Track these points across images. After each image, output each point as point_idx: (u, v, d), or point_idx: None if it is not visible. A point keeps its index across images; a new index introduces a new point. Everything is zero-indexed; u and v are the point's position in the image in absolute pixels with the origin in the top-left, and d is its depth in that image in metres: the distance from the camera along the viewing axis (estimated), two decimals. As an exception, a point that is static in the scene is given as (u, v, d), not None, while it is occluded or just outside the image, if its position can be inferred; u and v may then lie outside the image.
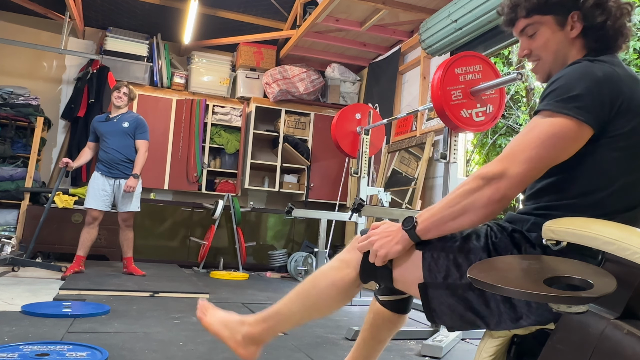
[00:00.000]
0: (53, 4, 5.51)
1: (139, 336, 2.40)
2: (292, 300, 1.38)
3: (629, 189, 1.13)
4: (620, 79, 1.12)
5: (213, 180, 6.11)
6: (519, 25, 1.29)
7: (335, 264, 1.36)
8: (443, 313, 1.19)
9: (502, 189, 1.07)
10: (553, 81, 1.14)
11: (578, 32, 1.22)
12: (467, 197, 1.11)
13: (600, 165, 1.12)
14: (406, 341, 2.67)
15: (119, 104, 4.34)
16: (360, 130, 4.24)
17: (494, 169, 1.09)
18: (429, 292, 1.20)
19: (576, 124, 1.07)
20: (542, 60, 1.27)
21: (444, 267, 1.18)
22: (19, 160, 5.24)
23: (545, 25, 1.24)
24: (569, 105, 1.08)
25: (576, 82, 1.10)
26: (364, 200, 2.92)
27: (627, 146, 1.12)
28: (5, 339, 2.18)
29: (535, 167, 1.08)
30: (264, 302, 3.64)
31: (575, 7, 1.20)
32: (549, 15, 1.23)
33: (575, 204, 1.14)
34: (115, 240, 4.66)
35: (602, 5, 1.19)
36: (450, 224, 1.15)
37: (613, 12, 1.19)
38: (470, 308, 1.16)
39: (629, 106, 1.11)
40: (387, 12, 4.79)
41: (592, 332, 0.94)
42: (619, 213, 1.12)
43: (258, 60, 6.18)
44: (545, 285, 0.92)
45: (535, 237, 1.16)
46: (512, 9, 1.28)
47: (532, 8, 1.24)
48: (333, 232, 5.51)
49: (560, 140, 1.07)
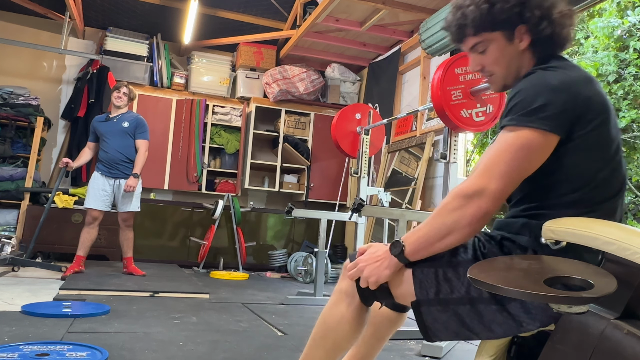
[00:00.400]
0: (53, 4, 5.50)
1: (139, 336, 2.40)
2: (312, 349, 1.38)
3: (606, 181, 1.17)
4: (574, 82, 1.15)
5: (213, 180, 6.11)
6: (468, 42, 1.30)
7: (335, 297, 1.36)
8: (438, 330, 1.20)
9: (483, 206, 1.10)
10: (512, 96, 1.17)
11: (527, 45, 1.24)
12: (451, 216, 1.13)
13: (577, 164, 1.16)
14: (406, 341, 2.67)
15: (118, 104, 4.34)
16: (360, 130, 4.24)
17: (473, 186, 1.11)
18: (422, 310, 1.20)
19: (542, 134, 1.11)
20: (495, 74, 1.30)
21: (434, 282, 1.19)
22: (19, 160, 5.24)
23: (495, 41, 1.26)
24: (532, 118, 1.11)
25: (535, 94, 1.13)
26: (364, 200, 2.92)
27: (596, 142, 1.16)
28: (5, 339, 2.18)
29: (512, 181, 1.12)
30: (264, 302, 3.64)
31: (521, 21, 1.22)
32: (497, 31, 1.24)
33: (560, 203, 1.17)
34: (115, 240, 4.66)
35: (547, 17, 1.21)
36: (437, 245, 1.16)
37: (558, 22, 1.22)
38: (463, 324, 1.17)
39: (588, 106, 1.14)
40: (387, 12, 4.79)
41: (592, 332, 0.94)
42: (601, 204, 1.17)
43: (258, 60, 6.18)
44: (545, 286, 0.92)
45: (526, 241, 1.18)
46: (459, 28, 1.28)
47: (480, 26, 1.24)
48: (333, 232, 5.51)
49: (530, 152, 1.11)
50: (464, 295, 1.15)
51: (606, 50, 7.93)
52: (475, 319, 1.15)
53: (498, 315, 1.13)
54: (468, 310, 1.15)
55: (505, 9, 1.21)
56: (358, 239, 3.86)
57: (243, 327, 2.78)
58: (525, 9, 1.20)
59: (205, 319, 2.91)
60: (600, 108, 1.16)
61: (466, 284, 1.16)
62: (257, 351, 2.28)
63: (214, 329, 2.68)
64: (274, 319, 3.04)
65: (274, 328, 2.80)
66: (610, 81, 7.83)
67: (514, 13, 1.21)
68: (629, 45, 7.57)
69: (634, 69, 7.65)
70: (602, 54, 7.90)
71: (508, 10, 1.21)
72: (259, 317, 3.06)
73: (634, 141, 7.83)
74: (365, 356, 1.52)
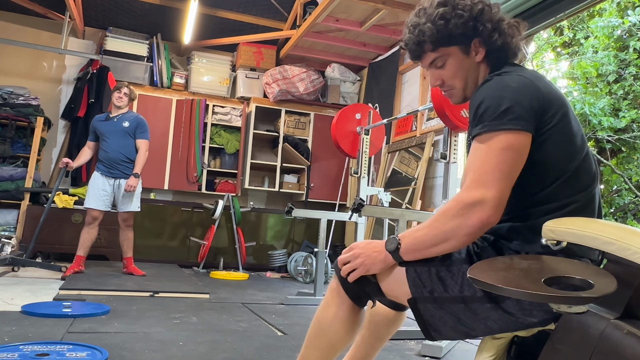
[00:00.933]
0: (53, 4, 5.50)
1: (139, 336, 2.40)
2: (307, 349, 1.40)
3: (578, 172, 1.21)
4: (530, 81, 1.20)
5: (213, 180, 6.10)
6: (427, 58, 1.35)
7: (327, 296, 1.38)
8: (437, 325, 1.22)
9: (484, 216, 1.10)
10: (478, 105, 1.20)
11: (483, 56, 1.30)
12: (450, 224, 1.13)
13: (547, 159, 1.19)
14: (406, 341, 2.67)
15: (119, 104, 4.34)
16: (360, 130, 4.24)
17: (473, 194, 1.12)
18: (419, 306, 1.22)
19: (517, 134, 1.14)
20: (455, 88, 1.35)
21: (428, 281, 1.21)
22: (19, 160, 5.24)
23: (453, 55, 1.31)
24: (504, 120, 1.14)
25: (499, 98, 1.16)
26: (364, 200, 2.92)
27: (562, 136, 1.20)
28: (5, 339, 2.18)
29: (508, 184, 1.13)
30: (264, 302, 3.64)
31: (475, 34, 1.28)
32: (454, 45, 1.30)
33: (538, 200, 1.20)
34: (115, 240, 4.66)
35: (498, 29, 1.28)
36: (431, 249, 1.17)
37: (507, 33, 1.29)
38: (459, 320, 1.19)
39: (549, 101, 1.19)
40: (387, 12, 4.79)
41: (592, 332, 0.94)
42: (577, 195, 1.20)
43: (258, 60, 6.18)
44: (545, 285, 0.92)
45: (516, 245, 1.20)
46: (418, 45, 1.33)
47: (437, 42, 1.30)
48: (333, 232, 5.51)
49: (514, 152, 1.13)
50: (458, 294, 1.17)
51: (606, 50, 7.92)
52: (470, 316, 1.17)
53: (493, 313, 1.15)
54: (462, 309, 1.17)
55: (460, 24, 1.26)
56: (358, 239, 3.87)
57: (243, 327, 2.78)
58: (478, 22, 1.27)
59: (205, 319, 2.91)
60: (559, 102, 1.21)
61: (459, 283, 1.18)
62: (257, 351, 2.28)
63: (214, 329, 2.68)
64: (274, 319, 3.04)
65: (274, 328, 2.80)
66: (610, 81, 7.83)
67: (469, 27, 1.27)
68: (629, 45, 7.57)
69: (634, 69, 7.65)
70: (602, 54, 7.89)
71: (462, 25, 1.27)
72: (259, 317, 3.06)
73: (634, 141, 7.83)
74: (365, 356, 1.53)
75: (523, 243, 1.19)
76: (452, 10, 1.26)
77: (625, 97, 7.82)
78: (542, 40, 9.08)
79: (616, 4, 7.86)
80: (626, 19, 7.54)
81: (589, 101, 7.82)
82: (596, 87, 8.05)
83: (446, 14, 1.26)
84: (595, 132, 7.94)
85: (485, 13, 1.27)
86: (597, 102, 7.77)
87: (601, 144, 8.07)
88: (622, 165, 8.07)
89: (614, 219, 7.99)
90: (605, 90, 7.93)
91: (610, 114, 7.79)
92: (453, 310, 1.18)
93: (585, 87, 8.14)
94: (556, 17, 3.49)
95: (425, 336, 1.25)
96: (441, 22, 1.27)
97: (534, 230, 1.17)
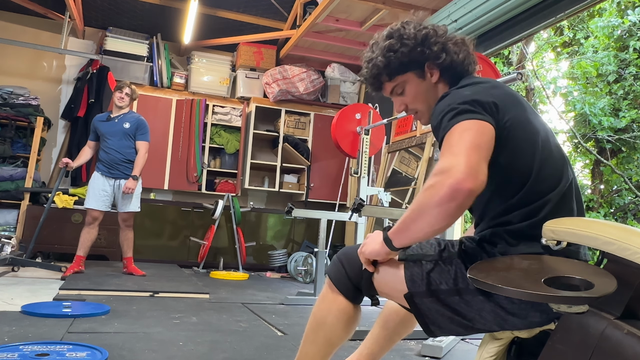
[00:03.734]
0: (53, 4, 5.50)
1: (139, 336, 2.40)
2: (305, 344, 1.43)
3: (545, 171, 1.23)
4: (483, 88, 1.26)
5: (213, 180, 6.10)
6: (386, 88, 1.42)
7: (323, 291, 1.42)
8: (434, 317, 1.25)
9: (453, 182, 1.04)
10: (436, 117, 1.24)
11: (438, 76, 1.37)
12: (422, 195, 1.11)
13: (512, 162, 1.21)
14: (406, 341, 2.67)
15: (121, 104, 4.34)
16: (360, 130, 4.24)
17: (441, 164, 1.10)
18: (416, 300, 1.26)
19: (479, 121, 1.15)
20: (419, 111, 1.41)
21: (425, 276, 1.25)
22: (19, 160, 5.24)
23: (409, 81, 1.38)
24: (463, 116, 1.16)
25: (456, 103, 1.20)
26: (364, 200, 2.92)
27: (522, 137, 1.22)
28: (5, 339, 2.18)
29: (477, 153, 1.09)
30: (264, 302, 3.64)
31: (425, 58, 1.35)
32: (408, 72, 1.37)
33: (513, 204, 1.22)
34: (115, 240, 4.66)
35: (444, 49, 1.35)
36: (412, 227, 1.16)
37: (454, 50, 1.36)
38: (455, 312, 1.22)
39: (503, 103, 1.22)
40: (387, 12, 4.78)
41: (592, 332, 0.94)
42: (551, 193, 1.22)
43: (258, 60, 6.18)
44: (545, 285, 0.92)
45: (500, 248, 1.22)
46: (375, 77, 1.41)
47: (391, 72, 1.37)
48: (333, 232, 5.51)
49: (476, 131, 1.13)
50: (452, 287, 1.22)
51: (606, 50, 7.92)
52: (465, 308, 1.21)
53: (486, 305, 1.18)
54: (458, 300, 1.21)
55: (407, 52, 1.34)
56: (358, 239, 3.87)
57: (243, 327, 2.78)
58: (425, 47, 1.34)
59: (205, 319, 2.91)
60: (515, 103, 1.25)
61: (453, 276, 1.22)
62: (257, 351, 2.28)
63: (214, 329, 2.68)
64: (274, 319, 3.04)
65: (274, 328, 2.80)
66: (610, 81, 7.83)
67: (417, 53, 1.34)
68: (629, 45, 7.56)
69: (634, 69, 7.65)
70: (602, 54, 7.89)
71: (410, 52, 1.34)
72: (259, 317, 3.06)
73: (634, 141, 7.83)
74: (375, 355, 1.59)
75: (507, 246, 1.21)
76: (398, 40, 1.35)
77: (625, 97, 7.82)
78: (542, 40, 9.08)
79: (616, 4, 7.86)
80: (626, 18, 7.53)
81: (589, 101, 7.83)
82: (596, 87, 8.05)
83: (393, 45, 1.35)
84: (595, 132, 7.94)
85: (429, 37, 1.35)
86: (597, 102, 7.78)
87: (601, 144, 8.07)
88: (622, 165, 8.07)
89: (614, 219, 7.98)
90: (605, 90, 7.93)
91: (610, 114, 7.79)
92: (449, 302, 1.22)
93: (585, 87, 8.14)
94: (556, 17, 3.49)
95: (425, 331, 1.29)
96: (390, 54, 1.35)
97: (515, 234, 1.20)
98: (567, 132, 8.67)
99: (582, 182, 8.87)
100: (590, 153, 8.24)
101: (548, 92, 8.92)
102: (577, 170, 9.19)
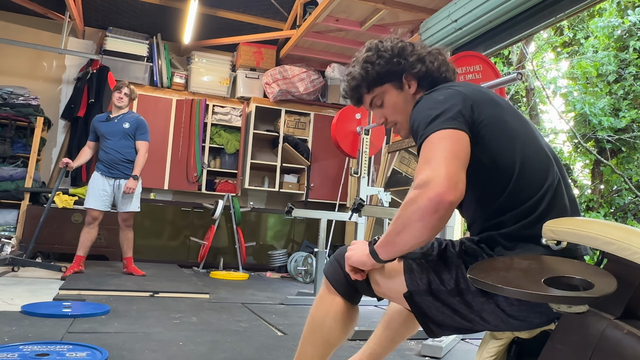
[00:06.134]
0: (53, 4, 5.50)
1: (139, 336, 2.40)
2: (303, 345, 1.44)
3: (528, 169, 1.22)
4: (456, 90, 1.26)
5: (213, 180, 6.10)
6: (366, 101, 1.45)
7: (321, 292, 1.43)
8: (435, 316, 1.25)
9: (433, 194, 1.06)
10: (412, 123, 1.27)
11: (416, 87, 1.39)
12: (404, 209, 1.13)
13: (493, 163, 1.22)
14: (406, 341, 2.66)
15: (120, 104, 4.34)
16: (360, 130, 4.24)
17: (420, 177, 1.11)
18: (416, 299, 1.25)
19: (454, 130, 1.16)
20: (399, 122, 1.43)
21: (425, 275, 1.25)
22: (19, 160, 5.24)
23: (387, 93, 1.40)
24: (436, 123, 1.17)
25: (429, 109, 1.21)
26: (364, 200, 2.92)
27: (501, 138, 1.23)
28: (5, 339, 2.18)
29: (454, 163, 1.10)
30: (264, 302, 3.64)
31: (403, 69, 1.38)
32: (386, 84, 1.39)
33: (502, 205, 1.22)
34: (115, 240, 4.66)
35: (420, 60, 1.38)
36: (396, 240, 1.17)
37: (429, 60, 1.38)
38: (456, 312, 1.22)
39: (478, 103, 1.23)
40: (387, 12, 4.78)
41: (592, 332, 0.94)
42: (539, 190, 1.21)
43: (258, 60, 6.18)
44: (545, 285, 0.92)
45: (497, 252, 1.22)
46: (354, 90, 1.44)
47: (369, 84, 1.40)
48: (333, 232, 5.51)
49: (452, 141, 1.14)
50: (453, 287, 1.21)
51: (606, 50, 7.92)
52: (465, 309, 1.20)
53: (486, 306, 1.18)
54: (458, 301, 1.20)
55: (384, 63, 1.37)
56: (358, 239, 3.85)
57: (243, 327, 2.78)
58: (401, 58, 1.37)
59: (205, 319, 2.91)
60: (490, 103, 1.26)
61: (454, 276, 1.21)
62: (257, 351, 2.28)
63: (214, 329, 2.68)
64: (274, 319, 3.04)
65: (274, 328, 2.80)
66: (610, 81, 7.83)
67: (394, 64, 1.37)
68: (629, 45, 7.57)
69: (634, 69, 7.65)
70: (602, 54, 7.89)
71: (386, 64, 1.37)
72: (259, 317, 3.06)
73: (634, 141, 7.83)
74: (378, 356, 1.60)
75: (503, 250, 1.21)
76: (375, 53, 1.38)
77: (625, 97, 7.82)
78: (542, 40, 9.08)
79: (616, 4, 7.86)
80: (626, 18, 7.54)
81: (589, 101, 7.83)
82: (596, 87, 8.05)
83: (370, 57, 1.38)
84: (595, 132, 7.94)
85: (405, 49, 1.38)
86: (597, 102, 7.78)
87: (601, 144, 8.07)
88: (622, 165, 8.07)
89: (614, 219, 7.98)
90: (605, 90, 7.93)
91: (610, 114, 7.80)
92: (449, 302, 1.22)
93: (585, 87, 8.14)
94: (556, 17, 3.49)
95: (426, 331, 1.29)
96: (368, 65, 1.38)
97: (510, 237, 1.20)
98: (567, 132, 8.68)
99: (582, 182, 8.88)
100: (590, 153, 8.25)
101: (548, 92, 8.93)
102: (577, 170, 9.19)
